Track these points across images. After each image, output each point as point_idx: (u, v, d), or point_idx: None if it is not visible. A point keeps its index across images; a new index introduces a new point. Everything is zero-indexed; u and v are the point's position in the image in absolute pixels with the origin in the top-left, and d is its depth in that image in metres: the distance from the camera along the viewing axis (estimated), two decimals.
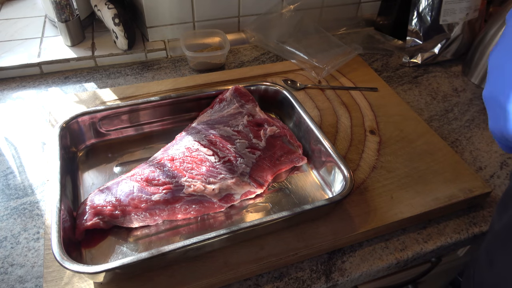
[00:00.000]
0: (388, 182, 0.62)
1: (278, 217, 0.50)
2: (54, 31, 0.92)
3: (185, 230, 0.54)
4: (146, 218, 0.53)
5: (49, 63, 0.83)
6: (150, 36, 0.90)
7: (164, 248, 0.45)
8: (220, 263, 0.50)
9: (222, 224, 0.55)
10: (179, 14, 0.89)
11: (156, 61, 0.90)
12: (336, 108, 0.76)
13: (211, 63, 0.86)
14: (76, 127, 0.62)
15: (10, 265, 0.51)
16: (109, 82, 0.83)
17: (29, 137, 0.69)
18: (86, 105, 0.71)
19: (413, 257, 0.56)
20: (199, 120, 0.66)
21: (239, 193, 0.57)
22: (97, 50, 0.87)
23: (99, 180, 0.60)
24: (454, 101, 0.85)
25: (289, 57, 0.90)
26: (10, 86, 0.80)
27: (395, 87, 0.87)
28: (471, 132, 0.77)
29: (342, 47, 0.89)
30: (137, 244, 0.52)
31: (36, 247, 0.53)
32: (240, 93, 0.68)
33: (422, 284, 0.77)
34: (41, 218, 0.56)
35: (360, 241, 0.57)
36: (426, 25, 0.90)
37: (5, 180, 0.61)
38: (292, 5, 0.96)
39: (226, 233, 0.47)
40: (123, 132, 0.66)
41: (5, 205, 0.58)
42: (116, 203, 0.52)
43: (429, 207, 0.58)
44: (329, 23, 1.00)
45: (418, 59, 0.93)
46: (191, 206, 0.54)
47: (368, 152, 0.67)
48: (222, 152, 0.59)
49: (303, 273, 0.53)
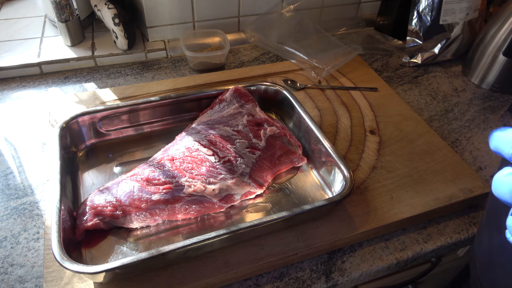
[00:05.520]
0: (388, 182, 0.62)
1: (278, 217, 0.50)
2: (54, 31, 0.92)
3: (185, 230, 0.54)
4: (146, 218, 0.53)
5: (49, 63, 0.83)
6: (150, 36, 0.90)
7: (164, 248, 0.45)
8: (220, 263, 0.50)
9: (222, 224, 0.55)
10: (179, 14, 0.89)
11: (156, 61, 0.90)
12: (336, 108, 0.76)
13: (211, 63, 0.86)
14: (76, 127, 0.62)
15: (10, 265, 0.51)
16: (109, 82, 0.83)
17: (29, 137, 0.69)
18: (86, 105, 0.71)
19: (413, 257, 0.56)
20: (199, 120, 0.66)
21: (239, 193, 0.57)
22: (97, 50, 0.87)
23: (99, 180, 0.60)
24: (454, 101, 0.85)
25: (289, 57, 0.90)
26: (10, 86, 0.80)
27: (395, 87, 0.87)
28: (471, 132, 0.77)
29: (342, 47, 0.89)
30: (137, 244, 0.52)
31: (36, 247, 0.53)
32: (240, 94, 0.68)
33: (422, 284, 0.77)
34: (41, 218, 0.56)
35: (360, 241, 0.57)
36: (426, 25, 0.90)
37: (5, 180, 0.61)
38: (292, 5, 0.96)
39: (226, 233, 0.47)
40: (123, 132, 0.66)
41: (5, 205, 0.58)
42: (116, 203, 0.52)
43: (429, 207, 0.58)
44: (329, 23, 1.00)
45: (418, 59, 0.93)
46: (191, 206, 0.54)
47: (368, 152, 0.67)
48: (222, 152, 0.59)
49: (303, 273, 0.53)
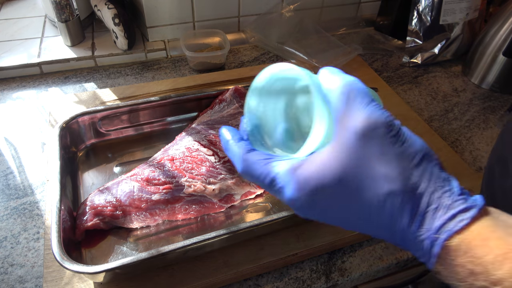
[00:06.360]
0: None
1: (278, 217, 0.50)
2: (54, 31, 0.92)
3: (185, 230, 0.54)
4: (146, 218, 0.53)
5: (49, 63, 0.83)
6: (150, 36, 0.90)
7: (164, 248, 0.45)
8: (220, 263, 0.50)
9: (222, 224, 0.55)
10: (179, 14, 0.89)
11: (156, 61, 0.90)
12: None
13: (211, 63, 0.86)
14: (76, 127, 0.62)
15: (10, 265, 0.51)
16: (109, 82, 0.83)
17: (29, 137, 0.69)
18: (86, 105, 0.71)
19: (413, 257, 0.56)
20: (199, 120, 0.66)
21: (239, 193, 0.57)
22: (97, 50, 0.87)
23: (99, 180, 0.60)
24: (454, 101, 0.85)
25: (289, 57, 0.90)
26: (10, 86, 0.80)
27: (395, 87, 0.87)
28: (471, 132, 0.77)
29: (342, 47, 0.89)
30: (137, 244, 0.52)
31: (36, 247, 0.53)
32: (240, 94, 0.68)
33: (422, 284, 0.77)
34: (41, 218, 0.56)
35: (360, 241, 0.57)
36: (426, 25, 0.90)
37: (5, 180, 0.61)
38: (292, 5, 0.95)
39: (226, 233, 0.47)
40: (123, 132, 0.66)
41: (5, 205, 0.58)
42: (116, 203, 0.52)
43: None
44: (329, 23, 1.00)
45: (418, 59, 0.93)
46: (191, 206, 0.54)
47: None
48: (222, 152, 0.59)
49: (303, 273, 0.53)
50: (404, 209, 0.25)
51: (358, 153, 0.26)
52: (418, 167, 0.26)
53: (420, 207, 0.25)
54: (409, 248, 0.27)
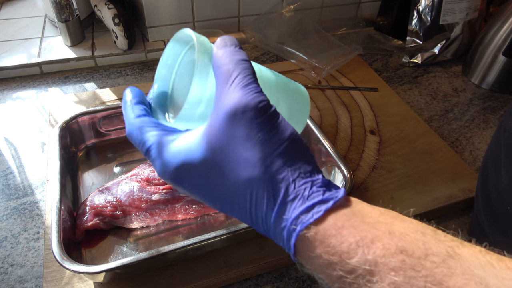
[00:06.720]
0: (388, 182, 0.62)
1: None
2: (54, 31, 0.92)
3: (185, 230, 0.54)
4: (146, 218, 0.53)
5: (49, 63, 0.83)
6: (150, 36, 0.90)
7: (164, 248, 0.45)
8: (220, 263, 0.50)
9: (222, 224, 0.55)
10: (179, 14, 0.89)
11: (156, 61, 0.90)
12: (336, 108, 0.76)
13: None
14: (76, 127, 0.62)
15: (10, 265, 0.51)
16: (109, 82, 0.83)
17: (29, 137, 0.69)
18: (86, 105, 0.71)
19: None
20: None
21: None
22: (97, 50, 0.87)
23: (99, 180, 0.60)
24: (454, 101, 0.85)
25: (289, 57, 0.90)
26: (10, 86, 0.80)
27: (395, 87, 0.87)
28: (471, 132, 0.77)
29: (342, 47, 0.89)
30: (137, 244, 0.52)
31: (36, 247, 0.53)
32: None
33: None
34: (41, 218, 0.56)
35: None
36: (426, 25, 0.90)
37: (5, 180, 0.61)
38: (292, 5, 0.95)
39: (226, 233, 0.47)
40: (123, 132, 0.66)
41: (5, 205, 0.58)
42: (116, 203, 0.52)
43: (429, 207, 0.58)
44: (329, 23, 1.00)
45: (418, 59, 0.93)
46: (191, 206, 0.54)
47: (368, 152, 0.67)
48: None
49: (303, 273, 0.53)
50: (264, 197, 0.24)
51: (225, 136, 0.25)
52: (283, 156, 0.25)
53: (279, 196, 0.24)
54: (274, 238, 0.26)
